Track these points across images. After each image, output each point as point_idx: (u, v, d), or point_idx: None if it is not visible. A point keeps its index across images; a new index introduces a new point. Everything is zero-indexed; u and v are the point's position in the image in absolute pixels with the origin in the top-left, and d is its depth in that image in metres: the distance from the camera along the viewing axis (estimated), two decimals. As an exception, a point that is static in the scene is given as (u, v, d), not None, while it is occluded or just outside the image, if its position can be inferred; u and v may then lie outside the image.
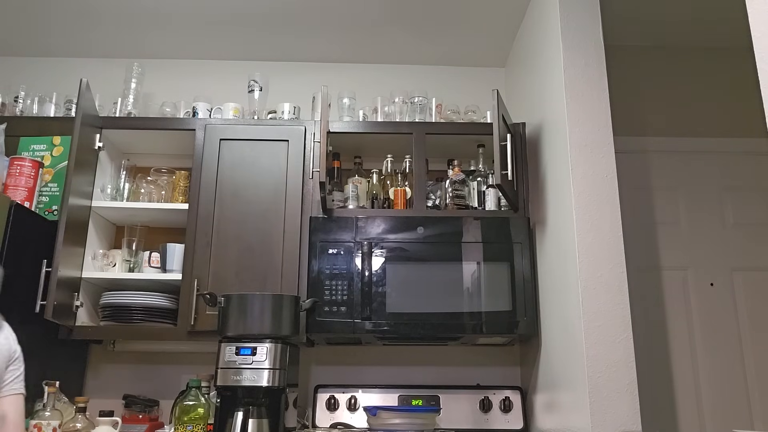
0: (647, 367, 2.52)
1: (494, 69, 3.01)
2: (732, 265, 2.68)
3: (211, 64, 2.97)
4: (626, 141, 2.76)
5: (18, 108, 2.61)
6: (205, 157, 2.38)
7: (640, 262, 2.64)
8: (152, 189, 2.49)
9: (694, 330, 2.60)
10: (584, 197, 1.98)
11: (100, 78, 2.65)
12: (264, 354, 1.94)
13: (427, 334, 2.20)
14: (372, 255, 2.25)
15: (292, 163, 2.38)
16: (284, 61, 2.97)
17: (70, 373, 2.36)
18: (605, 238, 1.94)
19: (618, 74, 2.86)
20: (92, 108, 2.38)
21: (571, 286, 1.96)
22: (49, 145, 2.38)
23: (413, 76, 2.94)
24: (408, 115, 2.60)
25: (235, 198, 2.32)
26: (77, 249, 2.24)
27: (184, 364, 2.50)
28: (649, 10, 2.66)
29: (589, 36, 2.14)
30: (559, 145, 2.13)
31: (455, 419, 2.38)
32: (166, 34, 2.80)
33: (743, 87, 2.86)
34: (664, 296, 2.64)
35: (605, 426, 1.77)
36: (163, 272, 2.36)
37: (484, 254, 2.27)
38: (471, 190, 2.47)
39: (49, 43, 2.86)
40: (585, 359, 1.82)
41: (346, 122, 2.53)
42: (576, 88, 2.08)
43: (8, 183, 2.22)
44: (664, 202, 2.75)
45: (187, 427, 2.02)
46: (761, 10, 1.16)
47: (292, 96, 2.68)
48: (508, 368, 2.60)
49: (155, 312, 2.26)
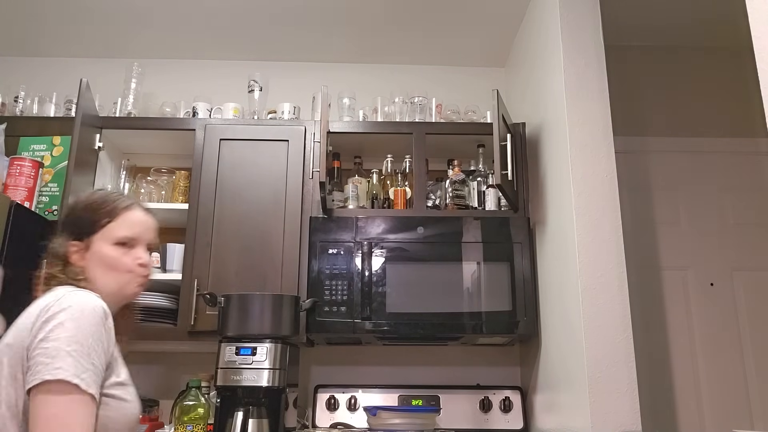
0: (647, 367, 2.51)
1: (494, 69, 3.01)
2: (732, 265, 2.68)
3: (211, 64, 2.97)
4: (626, 141, 2.75)
5: (18, 108, 2.60)
6: (205, 157, 2.38)
7: (640, 262, 2.63)
8: (152, 189, 2.49)
9: (694, 330, 2.60)
10: (584, 197, 1.97)
11: (100, 78, 2.65)
12: (264, 354, 1.94)
13: (427, 334, 2.20)
14: (372, 255, 2.25)
15: (292, 163, 2.38)
16: (284, 61, 2.97)
17: (70, 373, 2.35)
18: (605, 238, 1.94)
19: (618, 74, 2.85)
20: (92, 108, 2.38)
21: (571, 286, 1.96)
22: (49, 145, 2.38)
23: (413, 76, 2.94)
24: (408, 115, 2.59)
25: (235, 198, 2.32)
26: (77, 249, 2.24)
27: (184, 364, 2.50)
28: (649, 11, 2.66)
29: (589, 36, 2.13)
30: (559, 145, 2.13)
31: (455, 419, 2.38)
32: (166, 34, 2.80)
33: (743, 87, 2.86)
34: (664, 296, 2.64)
35: (605, 426, 1.77)
36: (163, 272, 2.36)
37: (484, 254, 2.27)
38: (471, 190, 2.47)
39: (49, 43, 2.86)
40: (585, 359, 1.82)
41: (346, 122, 2.53)
42: (576, 88, 2.08)
43: (8, 183, 2.21)
44: (664, 202, 2.75)
45: (187, 427, 2.01)
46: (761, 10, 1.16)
47: (292, 96, 2.67)
48: (508, 368, 2.60)
49: (155, 312, 2.26)
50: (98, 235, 1.25)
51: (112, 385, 1.11)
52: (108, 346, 1.10)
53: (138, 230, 1.28)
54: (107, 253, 1.24)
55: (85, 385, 1.02)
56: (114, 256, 1.24)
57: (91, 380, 1.03)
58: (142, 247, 1.29)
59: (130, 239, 1.26)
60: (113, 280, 1.23)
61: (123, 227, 1.26)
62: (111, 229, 1.25)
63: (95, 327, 1.08)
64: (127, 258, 1.25)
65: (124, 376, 1.16)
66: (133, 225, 1.28)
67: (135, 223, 1.28)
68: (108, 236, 1.25)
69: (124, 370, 1.17)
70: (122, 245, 1.25)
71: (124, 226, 1.26)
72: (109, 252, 1.24)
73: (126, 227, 1.27)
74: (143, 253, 1.28)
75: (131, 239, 1.27)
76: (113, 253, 1.24)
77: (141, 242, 1.29)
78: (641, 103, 2.87)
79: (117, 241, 1.25)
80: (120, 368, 1.16)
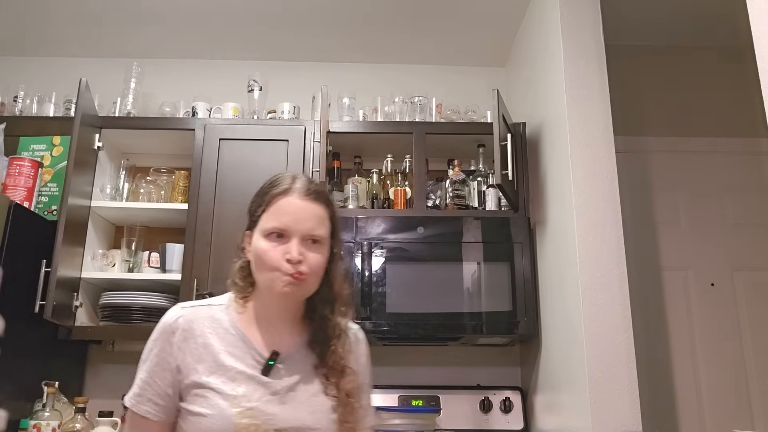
0: (647, 367, 2.51)
1: (494, 69, 3.00)
2: (732, 265, 2.67)
3: (211, 64, 2.96)
4: (626, 141, 2.74)
5: (17, 108, 2.60)
6: (205, 156, 2.37)
7: (640, 262, 2.63)
8: (152, 189, 2.49)
9: (695, 330, 2.60)
10: (585, 197, 1.97)
11: (99, 78, 2.64)
12: (264, 354, 1.93)
13: (427, 334, 2.19)
14: (372, 255, 2.25)
15: (291, 163, 2.37)
16: (284, 61, 2.96)
17: (69, 373, 2.35)
18: (606, 238, 1.94)
19: (618, 74, 2.84)
20: (92, 108, 2.38)
21: (571, 286, 1.95)
22: (48, 144, 2.38)
23: (413, 76, 2.93)
24: (408, 115, 2.59)
25: (234, 198, 2.31)
26: (76, 249, 2.24)
27: (184, 364, 2.49)
28: (650, 10, 2.65)
29: (589, 36, 2.13)
30: (559, 145, 2.12)
31: (455, 420, 2.37)
32: (165, 34, 2.79)
33: (743, 87, 2.85)
34: (665, 296, 2.63)
35: (606, 426, 1.76)
36: (163, 272, 2.36)
37: (484, 254, 2.26)
38: (471, 190, 2.47)
39: (49, 43, 2.85)
40: (585, 359, 1.82)
41: (346, 122, 2.52)
42: (576, 88, 2.08)
43: (7, 183, 2.21)
44: (664, 202, 2.74)
45: (186, 427, 2.01)
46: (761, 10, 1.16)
47: (292, 96, 2.67)
48: (508, 368, 2.59)
49: (155, 312, 2.25)
50: (257, 225, 1.13)
51: (190, 398, 1.06)
52: (174, 359, 1.07)
53: (288, 220, 1.09)
54: (256, 245, 1.10)
55: (132, 405, 1.08)
56: (262, 250, 1.09)
57: (142, 399, 1.07)
58: (297, 239, 1.08)
59: (279, 230, 1.09)
60: (261, 276, 1.10)
61: (271, 217, 1.10)
62: (263, 219, 1.11)
63: (152, 343, 1.10)
64: (274, 253, 1.07)
65: (215, 386, 1.05)
66: (283, 214, 1.10)
67: (286, 212, 1.10)
68: (261, 227, 1.11)
69: (220, 380, 1.05)
70: (272, 237, 1.09)
71: (272, 216, 1.10)
72: (258, 244, 1.10)
73: (274, 217, 1.10)
74: (295, 246, 1.07)
75: (281, 230, 1.09)
76: (261, 245, 1.09)
77: (293, 234, 1.08)
78: (641, 103, 2.86)
79: (266, 233, 1.10)
80: (210, 379, 1.06)
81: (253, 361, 1.08)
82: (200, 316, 1.12)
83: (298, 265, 1.06)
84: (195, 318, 1.11)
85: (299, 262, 1.06)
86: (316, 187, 1.15)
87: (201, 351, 1.08)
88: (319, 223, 1.11)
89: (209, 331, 1.10)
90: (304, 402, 1.08)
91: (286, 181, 1.15)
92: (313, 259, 1.09)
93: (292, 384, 1.09)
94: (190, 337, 1.08)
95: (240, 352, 1.09)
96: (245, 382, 1.06)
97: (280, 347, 1.11)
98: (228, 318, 1.13)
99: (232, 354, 1.08)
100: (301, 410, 1.07)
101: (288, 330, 1.15)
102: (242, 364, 1.08)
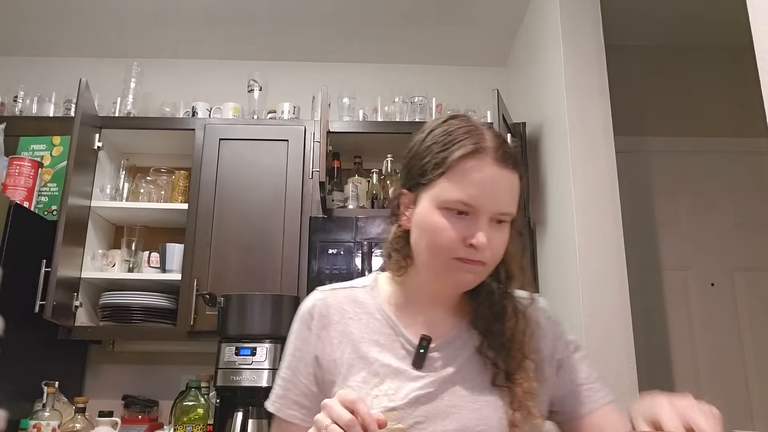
0: (647, 367, 2.51)
1: (494, 69, 3.00)
2: (733, 265, 2.67)
3: (211, 64, 2.96)
4: (626, 141, 2.74)
5: (17, 108, 2.60)
6: (205, 156, 2.37)
7: (640, 262, 2.62)
8: (152, 189, 2.49)
9: (695, 330, 2.60)
10: (585, 197, 1.97)
11: (99, 78, 2.63)
12: (264, 354, 1.93)
13: (427, 334, 2.19)
14: (372, 255, 2.24)
15: (291, 163, 2.37)
16: (284, 61, 2.96)
17: (69, 373, 2.35)
18: (606, 238, 1.93)
19: (618, 74, 2.85)
20: (91, 108, 2.38)
21: (571, 286, 1.95)
22: (48, 145, 2.38)
23: (413, 76, 2.93)
24: (408, 115, 2.59)
25: (235, 198, 2.32)
26: (76, 249, 2.24)
27: (184, 364, 2.49)
28: (650, 10, 2.65)
29: (589, 36, 2.13)
30: (559, 144, 2.12)
31: (455, 419, 2.37)
32: (165, 34, 2.79)
33: (743, 87, 2.84)
34: (665, 296, 2.63)
35: (606, 426, 1.76)
36: (163, 272, 2.35)
37: (484, 254, 2.26)
38: (471, 190, 2.46)
39: (49, 43, 2.85)
40: (585, 359, 1.82)
41: (346, 122, 2.52)
42: (576, 88, 2.08)
43: (7, 183, 2.21)
44: (664, 202, 2.74)
45: (186, 427, 2.01)
46: (761, 10, 1.16)
47: (292, 96, 2.66)
48: (508, 368, 2.59)
49: (155, 312, 2.25)
50: (427, 188, 0.86)
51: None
52: (314, 349, 0.92)
53: (478, 195, 0.83)
54: (427, 218, 0.85)
55: (276, 410, 0.94)
56: (436, 226, 0.84)
57: (287, 401, 0.93)
58: (486, 219, 0.83)
59: (464, 205, 0.83)
60: (430, 257, 0.86)
61: (456, 186, 0.83)
62: (441, 185, 0.84)
63: (292, 335, 0.95)
64: (453, 233, 0.83)
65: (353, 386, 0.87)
66: (472, 184, 0.83)
67: (476, 183, 0.83)
68: (436, 194, 0.85)
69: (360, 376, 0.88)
70: (453, 212, 0.84)
71: (457, 185, 0.83)
72: (430, 217, 0.85)
73: (460, 188, 0.83)
74: (484, 229, 0.83)
75: (466, 206, 0.83)
76: (436, 219, 0.84)
77: (482, 212, 0.83)
78: (641, 103, 2.86)
79: (445, 205, 0.84)
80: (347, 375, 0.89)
81: (403, 351, 0.89)
82: (340, 299, 0.95)
83: (482, 252, 0.83)
84: (334, 302, 0.94)
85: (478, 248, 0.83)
86: (508, 147, 0.88)
87: (340, 340, 0.91)
88: (512, 197, 0.87)
89: (350, 315, 0.93)
90: (465, 397, 0.86)
91: (474, 134, 0.86)
92: (499, 242, 0.86)
93: (450, 376, 0.87)
94: (328, 324, 0.92)
95: (387, 341, 0.90)
96: (390, 378, 0.86)
97: (437, 333, 0.90)
98: (373, 301, 0.94)
99: (376, 343, 0.90)
100: (462, 409, 0.85)
101: (447, 311, 0.94)
102: (389, 354, 0.89)
